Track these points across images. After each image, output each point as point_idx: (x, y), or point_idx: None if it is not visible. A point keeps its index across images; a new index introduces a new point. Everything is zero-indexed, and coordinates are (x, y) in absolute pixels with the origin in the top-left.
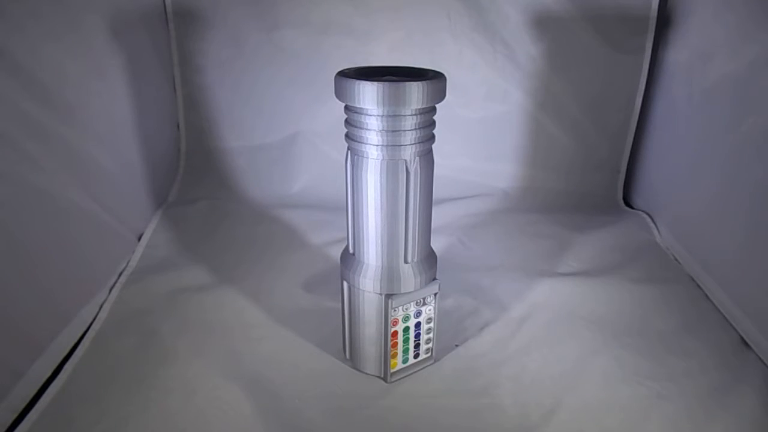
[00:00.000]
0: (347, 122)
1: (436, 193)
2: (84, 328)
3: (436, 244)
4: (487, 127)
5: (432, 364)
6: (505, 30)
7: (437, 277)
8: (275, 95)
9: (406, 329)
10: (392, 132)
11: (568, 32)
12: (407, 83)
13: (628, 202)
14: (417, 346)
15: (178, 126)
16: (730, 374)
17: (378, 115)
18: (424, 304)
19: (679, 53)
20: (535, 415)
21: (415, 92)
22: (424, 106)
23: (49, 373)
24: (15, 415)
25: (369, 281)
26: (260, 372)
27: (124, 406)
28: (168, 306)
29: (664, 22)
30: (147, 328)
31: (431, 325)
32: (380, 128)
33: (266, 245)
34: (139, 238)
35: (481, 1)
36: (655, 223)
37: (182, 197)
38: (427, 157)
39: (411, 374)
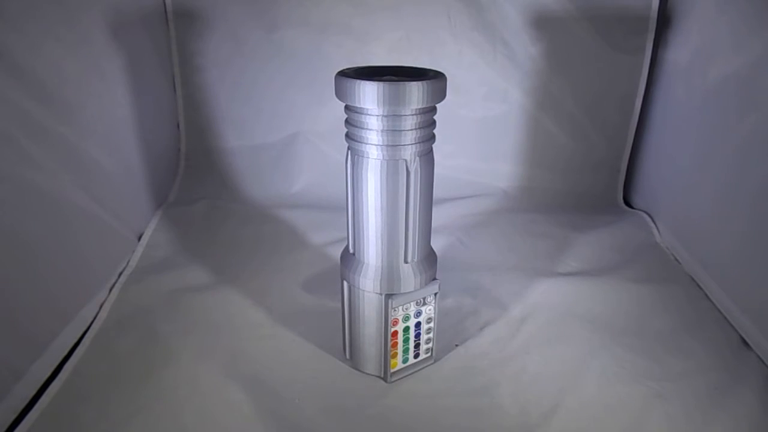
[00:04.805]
0: (347, 122)
1: (436, 193)
2: (84, 328)
3: (436, 244)
4: (486, 127)
5: (432, 364)
6: (505, 30)
7: (437, 277)
8: (275, 95)
9: (406, 329)
10: (392, 132)
11: (568, 32)
12: (407, 83)
13: (628, 202)
14: (417, 346)
15: (178, 126)
16: (729, 374)
17: (378, 115)
18: (424, 303)
19: (679, 53)
20: (535, 415)
21: (415, 92)
22: (424, 106)
23: (49, 373)
24: (15, 415)
25: (369, 281)
26: (260, 372)
27: (124, 406)
28: (168, 306)
29: (664, 22)
30: (147, 328)
31: (431, 325)
32: (380, 128)
33: (266, 245)
34: (139, 238)
35: (481, 1)
36: (655, 223)
37: (182, 197)
38: (427, 157)
39: (411, 374)
